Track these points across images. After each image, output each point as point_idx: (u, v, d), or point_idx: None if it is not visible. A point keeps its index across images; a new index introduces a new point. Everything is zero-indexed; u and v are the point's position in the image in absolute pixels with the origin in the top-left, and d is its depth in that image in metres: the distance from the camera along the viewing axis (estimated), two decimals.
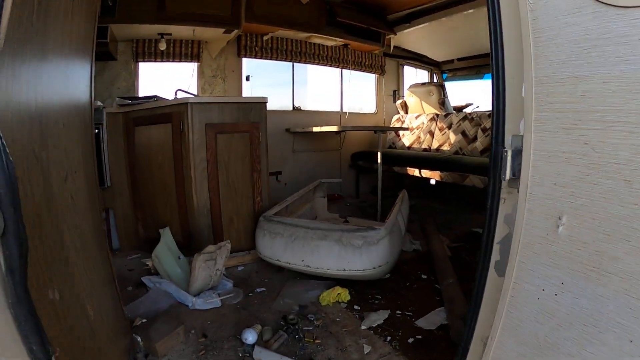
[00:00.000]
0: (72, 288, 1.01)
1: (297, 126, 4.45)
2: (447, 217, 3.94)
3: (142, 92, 3.96)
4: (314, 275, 2.25)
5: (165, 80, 4.07)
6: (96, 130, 2.91)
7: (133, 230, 3.02)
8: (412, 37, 4.94)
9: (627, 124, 0.77)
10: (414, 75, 5.97)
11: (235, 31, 3.68)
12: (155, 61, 3.91)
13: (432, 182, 3.79)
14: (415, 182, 4.16)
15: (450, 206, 4.41)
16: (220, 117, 2.59)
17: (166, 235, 2.43)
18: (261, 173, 2.77)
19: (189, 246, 2.58)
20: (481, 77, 5.26)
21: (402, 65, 5.71)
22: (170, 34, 3.73)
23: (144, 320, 1.79)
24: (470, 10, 3.87)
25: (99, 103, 3.09)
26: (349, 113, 5.03)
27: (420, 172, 3.86)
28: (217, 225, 2.64)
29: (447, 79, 5.92)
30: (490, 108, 1.01)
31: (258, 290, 2.26)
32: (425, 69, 6.02)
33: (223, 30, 3.65)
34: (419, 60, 5.77)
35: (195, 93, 3.98)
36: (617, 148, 0.79)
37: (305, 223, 2.33)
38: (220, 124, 2.58)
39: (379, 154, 3.59)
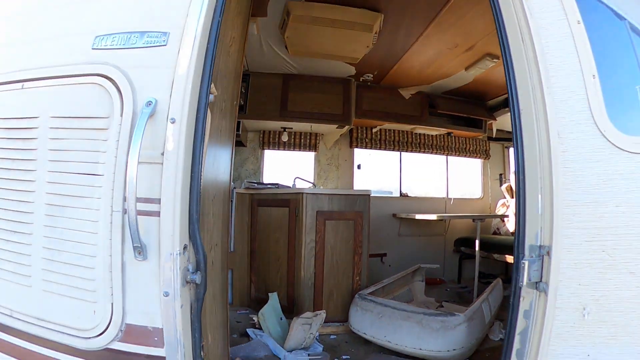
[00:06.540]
0: (204, 319, 1.45)
1: (404, 212, 4.72)
2: None
3: (266, 174, 4.82)
4: (394, 351, 2.37)
5: (286, 166, 4.89)
6: None
7: (246, 290, 3.56)
8: None
9: (634, 234, 1.02)
10: None
11: (347, 127, 4.33)
12: (278, 149, 4.77)
13: None
14: None
15: None
16: (330, 206, 3.10)
17: (274, 299, 2.88)
18: (362, 256, 3.13)
19: (292, 311, 2.97)
20: None
21: (507, 148, 5.67)
22: (292, 128, 4.58)
23: None
24: None
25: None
26: (454, 199, 5.14)
27: None
28: (318, 297, 3.03)
29: None
30: None
31: (344, 357, 2.46)
32: None
33: (336, 125, 4.34)
34: None
35: (312, 180, 4.66)
36: (625, 251, 1.01)
37: (393, 304, 2.52)
38: (329, 212, 3.08)
39: (476, 241, 3.62)
